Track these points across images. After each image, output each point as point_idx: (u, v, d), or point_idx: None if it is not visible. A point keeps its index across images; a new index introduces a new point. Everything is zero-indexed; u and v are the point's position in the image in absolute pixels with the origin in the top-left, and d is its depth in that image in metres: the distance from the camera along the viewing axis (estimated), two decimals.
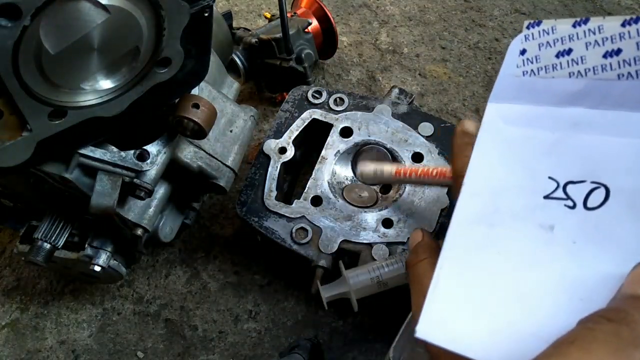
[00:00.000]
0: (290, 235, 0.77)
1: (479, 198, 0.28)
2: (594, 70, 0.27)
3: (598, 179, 0.26)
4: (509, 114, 0.30)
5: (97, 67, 0.56)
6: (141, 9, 0.55)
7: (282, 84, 1.05)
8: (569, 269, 0.24)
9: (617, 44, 0.26)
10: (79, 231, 0.75)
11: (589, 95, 0.27)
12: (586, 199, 0.26)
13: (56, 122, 0.54)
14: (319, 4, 1.10)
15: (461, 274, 0.27)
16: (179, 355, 0.85)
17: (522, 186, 0.28)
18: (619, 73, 0.26)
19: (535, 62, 0.29)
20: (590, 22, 0.27)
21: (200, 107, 0.63)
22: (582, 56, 0.28)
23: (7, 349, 0.87)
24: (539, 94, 0.29)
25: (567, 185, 0.27)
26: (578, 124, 0.27)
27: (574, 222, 0.26)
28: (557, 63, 0.29)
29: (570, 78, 0.28)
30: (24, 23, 0.47)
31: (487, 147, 0.29)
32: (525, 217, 0.27)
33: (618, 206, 0.25)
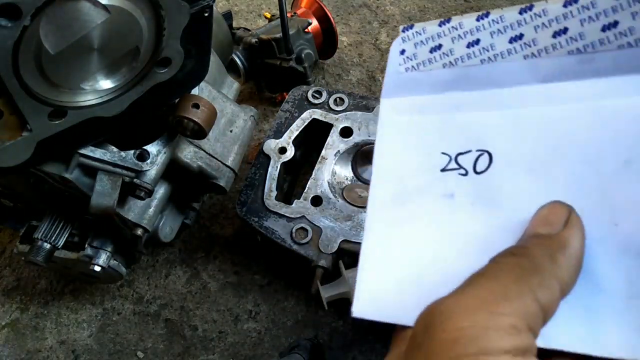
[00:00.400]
0: (290, 235, 0.77)
1: (387, 182, 0.32)
2: (461, 59, 0.33)
3: (481, 146, 0.30)
4: (400, 106, 0.34)
5: (97, 67, 0.56)
6: (141, 9, 0.55)
7: (282, 84, 1.05)
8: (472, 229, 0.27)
9: (476, 36, 0.32)
10: (79, 231, 0.75)
11: (461, 81, 0.32)
12: (475, 165, 0.30)
13: (56, 122, 0.54)
14: (319, 4, 1.10)
15: (383, 253, 0.30)
16: (179, 355, 0.85)
17: (422, 165, 0.32)
18: (481, 59, 0.32)
19: (414, 59, 0.34)
20: (451, 20, 0.33)
21: (200, 107, 0.63)
22: (451, 49, 0.33)
23: (7, 349, 0.87)
24: (421, 86, 0.34)
25: (457, 156, 0.31)
26: (457, 105, 0.32)
27: (468, 187, 0.30)
28: (432, 57, 0.34)
29: (444, 68, 0.33)
30: (24, 23, 0.47)
31: (387, 137, 0.34)
32: (428, 191, 0.31)
33: (500, 167, 0.30)
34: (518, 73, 0.31)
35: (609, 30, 0.28)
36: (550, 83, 0.30)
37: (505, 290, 0.22)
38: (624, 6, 0.28)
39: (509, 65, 0.31)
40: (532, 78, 0.30)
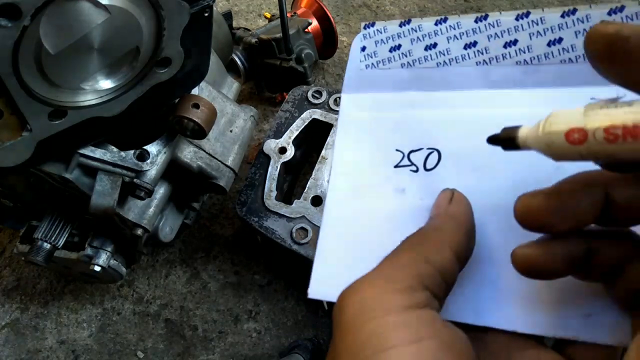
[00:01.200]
0: (290, 235, 0.77)
1: (345, 176, 0.34)
2: (419, 60, 0.34)
3: (432, 145, 0.33)
4: (360, 102, 0.36)
5: (97, 67, 0.56)
6: (141, 9, 0.55)
7: (282, 84, 1.05)
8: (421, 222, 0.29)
9: (434, 39, 0.34)
10: (79, 231, 0.75)
11: (417, 81, 0.34)
12: (425, 163, 0.32)
13: (56, 122, 0.54)
14: (319, 4, 1.10)
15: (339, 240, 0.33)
16: (179, 355, 0.85)
17: (377, 160, 0.34)
18: (437, 62, 0.34)
19: (374, 57, 0.36)
20: (412, 22, 0.34)
21: (200, 107, 0.63)
22: (409, 50, 0.35)
23: (7, 349, 0.87)
24: (380, 83, 0.35)
25: (410, 153, 0.33)
26: (413, 104, 0.34)
27: (418, 183, 0.32)
28: (391, 57, 0.35)
29: (402, 68, 0.35)
30: (24, 23, 0.47)
31: (345, 132, 0.36)
32: (382, 185, 0.33)
33: (448, 165, 0.32)
34: (470, 77, 0.33)
35: (554, 46, 0.31)
36: (498, 89, 0.32)
37: (399, 260, 0.25)
38: (568, 25, 0.30)
39: (462, 70, 0.33)
40: (482, 83, 0.33)
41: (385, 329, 0.22)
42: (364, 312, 0.23)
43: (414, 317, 0.23)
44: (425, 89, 0.34)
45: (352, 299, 0.24)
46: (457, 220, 0.27)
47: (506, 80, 0.32)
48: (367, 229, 0.32)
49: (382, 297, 0.23)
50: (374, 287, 0.24)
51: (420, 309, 0.23)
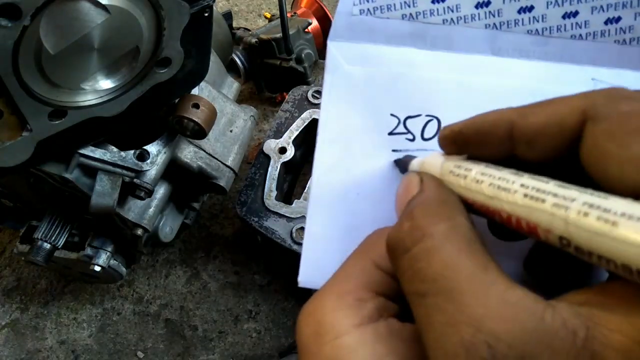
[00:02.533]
0: (290, 235, 0.77)
1: (334, 145, 0.30)
2: (424, 14, 0.31)
3: (431, 112, 0.30)
4: (350, 53, 0.31)
5: (97, 67, 0.56)
6: (141, 9, 0.55)
7: (282, 84, 1.05)
8: None
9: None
10: (79, 231, 0.75)
11: (420, 37, 0.31)
12: (422, 131, 0.30)
13: (56, 122, 0.54)
14: (319, 4, 1.10)
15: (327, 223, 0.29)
16: (179, 355, 0.85)
17: (370, 126, 0.30)
18: (444, 18, 0.30)
19: (371, 2, 0.31)
20: None
21: (200, 107, 0.63)
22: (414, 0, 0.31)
23: (7, 349, 0.87)
24: (375, 33, 0.31)
25: (406, 120, 0.30)
26: (412, 62, 0.31)
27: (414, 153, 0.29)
28: (392, 4, 0.31)
29: (403, 20, 0.31)
30: (24, 23, 0.47)
31: (333, 89, 0.31)
32: (375, 156, 0.30)
33: None
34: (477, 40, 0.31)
35: (568, 19, 0.30)
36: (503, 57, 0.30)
37: (350, 269, 0.24)
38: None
39: (470, 31, 0.31)
40: (488, 48, 0.31)
41: (340, 351, 0.21)
42: (318, 336, 0.22)
43: (368, 334, 0.22)
44: (427, 46, 0.31)
45: (307, 321, 0.23)
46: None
47: (513, 49, 0.30)
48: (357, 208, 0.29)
49: (333, 317, 0.22)
50: (325, 305, 0.23)
51: (373, 323, 0.22)
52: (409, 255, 0.20)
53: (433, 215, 0.21)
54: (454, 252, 0.19)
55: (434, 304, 0.18)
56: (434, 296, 0.18)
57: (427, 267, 0.19)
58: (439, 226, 0.20)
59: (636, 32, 0.28)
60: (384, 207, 0.29)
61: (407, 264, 0.20)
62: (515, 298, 0.17)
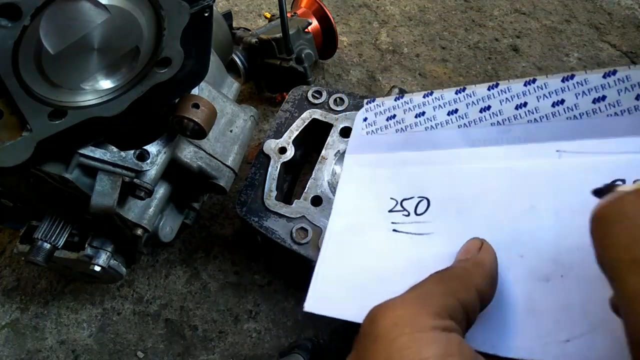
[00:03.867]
0: (290, 235, 0.77)
1: (345, 216, 0.40)
2: (410, 126, 0.42)
3: (422, 194, 0.38)
4: (360, 160, 0.43)
5: (97, 67, 0.56)
6: (141, 9, 0.55)
7: (282, 84, 1.05)
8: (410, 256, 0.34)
9: (422, 109, 0.41)
10: (79, 231, 0.75)
11: (409, 143, 0.41)
12: (416, 208, 0.38)
13: (56, 122, 0.54)
14: (319, 4, 1.10)
15: (336, 267, 0.38)
16: (179, 355, 0.85)
17: (374, 205, 0.40)
18: (425, 127, 0.41)
19: (373, 125, 0.44)
20: (405, 96, 0.42)
21: (200, 107, 0.63)
22: (402, 118, 0.42)
23: (7, 349, 0.87)
24: (378, 146, 0.43)
25: (403, 201, 0.39)
26: (405, 161, 0.41)
27: (410, 225, 0.38)
28: (387, 124, 0.43)
29: (397, 133, 0.42)
30: (24, 23, 0.47)
31: (347, 183, 0.42)
32: (377, 225, 0.38)
33: (435, 210, 0.37)
34: (453, 139, 0.39)
35: (521, 109, 0.37)
36: (477, 147, 0.38)
37: (432, 291, 0.28)
38: (530, 91, 0.37)
39: (446, 132, 0.39)
40: (464, 143, 0.38)
41: (418, 343, 0.24)
42: (397, 327, 0.25)
43: (444, 336, 0.25)
44: (416, 149, 0.41)
45: (386, 314, 0.26)
46: (484, 267, 0.31)
47: (484, 139, 0.38)
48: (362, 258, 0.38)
49: (414, 317, 0.26)
50: (407, 308, 0.26)
51: (448, 332, 0.26)
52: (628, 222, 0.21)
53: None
54: None
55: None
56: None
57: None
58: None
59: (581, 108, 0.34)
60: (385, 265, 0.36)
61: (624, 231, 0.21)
62: None
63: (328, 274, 0.38)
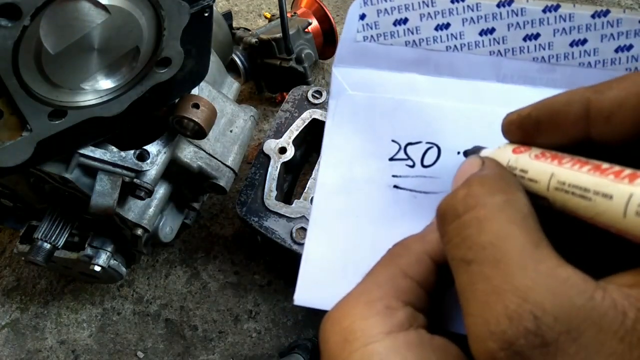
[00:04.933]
0: (290, 235, 0.77)
1: (337, 169, 0.31)
2: (427, 41, 0.31)
3: (431, 139, 0.30)
4: (354, 78, 0.32)
5: (97, 67, 0.56)
6: (141, 9, 0.55)
7: (282, 84, 1.05)
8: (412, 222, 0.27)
9: (447, 19, 0.30)
10: (79, 231, 0.75)
11: (423, 63, 0.31)
12: (422, 158, 0.30)
13: (56, 122, 0.54)
14: (319, 4, 1.10)
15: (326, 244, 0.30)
16: (179, 355, 0.85)
17: (371, 152, 0.31)
18: (447, 45, 0.30)
19: (375, 29, 0.31)
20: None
21: (200, 107, 0.63)
22: (417, 27, 0.31)
23: (7, 349, 0.87)
24: (379, 60, 0.31)
25: (407, 146, 0.30)
26: (414, 88, 0.31)
27: (414, 179, 0.30)
28: (395, 31, 0.31)
29: (407, 46, 0.31)
30: (24, 23, 0.47)
31: (337, 114, 0.32)
32: (375, 180, 0.30)
33: (447, 163, 0.30)
34: (481, 67, 0.30)
35: (576, 47, 0.29)
36: (508, 84, 0.30)
37: (378, 277, 0.24)
38: (597, 27, 0.29)
39: (474, 58, 0.30)
40: (493, 75, 0.30)
41: (370, 359, 0.21)
42: (347, 342, 0.22)
43: (399, 342, 0.21)
44: (430, 73, 0.31)
45: (334, 328, 0.23)
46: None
47: (518, 76, 0.30)
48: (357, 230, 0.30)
49: (363, 324, 0.22)
50: (354, 313, 0.23)
51: (404, 331, 0.22)
52: (460, 221, 0.20)
53: (490, 186, 0.20)
54: (507, 223, 0.19)
55: (480, 271, 0.18)
56: (481, 264, 0.18)
57: (477, 235, 0.19)
58: (495, 197, 0.20)
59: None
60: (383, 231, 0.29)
61: (457, 230, 0.20)
62: (565, 275, 0.17)
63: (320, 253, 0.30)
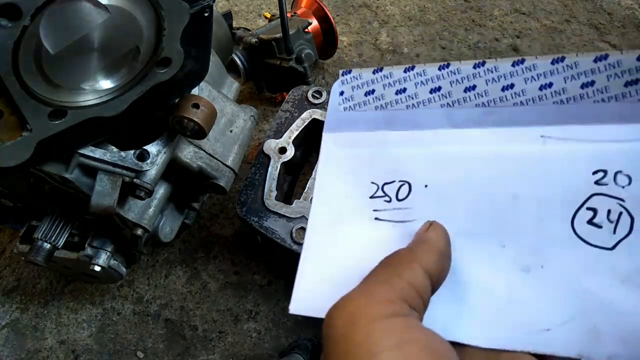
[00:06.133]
0: (290, 235, 0.77)
1: (326, 206, 0.38)
2: (391, 104, 0.38)
3: (403, 177, 0.37)
4: (339, 140, 0.40)
5: (97, 67, 0.56)
6: (141, 9, 0.55)
7: (282, 84, 1.05)
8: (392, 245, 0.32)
9: (403, 85, 0.38)
10: (79, 231, 0.75)
11: (389, 121, 0.38)
12: (397, 193, 0.36)
13: (56, 122, 0.54)
14: (319, 4, 1.10)
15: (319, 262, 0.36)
16: (179, 355, 0.85)
17: (354, 192, 0.38)
18: (407, 104, 0.38)
19: (351, 100, 0.40)
20: (384, 69, 0.39)
21: (200, 107, 0.63)
22: (382, 94, 0.39)
23: (7, 349, 0.87)
24: (356, 123, 0.39)
25: (384, 185, 0.37)
26: (385, 142, 0.38)
27: (391, 211, 0.36)
28: (366, 100, 0.39)
29: (376, 110, 0.39)
30: (24, 23, 0.47)
31: (326, 166, 0.40)
32: (359, 214, 0.37)
33: (417, 195, 0.36)
34: (435, 118, 0.37)
35: (507, 90, 0.35)
36: (460, 128, 0.36)
37: (379, 278, 0.28)
38: (518, 72, 0.34)
39: (429, 112, 0.37)
40: (447, 123, 0.36)
41: (373, 335, 0.24)
42: (352, 323, 0.25)
43: (398, 323, 0.25)
44: (397, 128, 0.38)
45: (339, 313, 0.26)
46: (430, 243, 0.31)
47: (467, 120, 0.36)
48: (345, 252, 0.36)
49: (366, 309, 0.26)
50: (357, 302, 0.27)
51: (402, 317, 0.26)
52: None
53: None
54: None
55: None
56: None
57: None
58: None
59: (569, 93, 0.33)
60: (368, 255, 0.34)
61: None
62: None
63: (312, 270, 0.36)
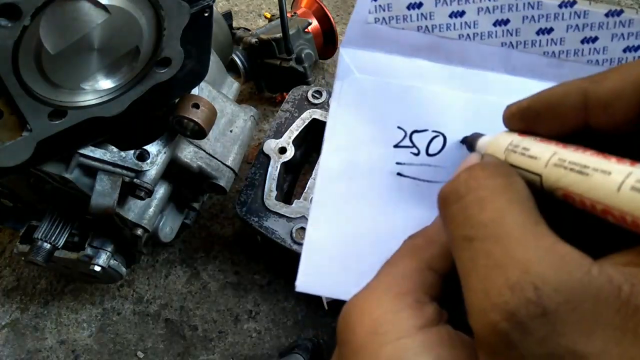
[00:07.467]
0: (290, 235, 0.77)
1: (339, 154, 0.31)
2: (440, 28, 0.30)
3: (438, 128, 0.30)
4: (362, 61, 0.31)
5: (97, 67, 0.56)
6: (141, 9, 0.55)
7: (282, 84, 1.05)
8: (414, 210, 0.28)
9: (463, 7, 0.30)
10: (79, 231, 0.75)
11: (434, 50, 0.30)
12: (428, 146, 0.30)
13: (56, 122, 0.54)
14: (319, 4, 1.10)
15: (328, 230, 0.29)
16: (179, 355, 0.85)
17: (376, 137, 0.30)
18: (460, 33, 0.30)
19: (387, 11, 0.31)
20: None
21: (200, 107, 0.63)
22: (431, 12, 0.30)
23: (7, 349, 0.87)
24: (389, 43, 0.31)
25: (413, 134, 0.30)
26: (423, 75, 0.30)
27: (418, 167, 0.29)
28: (408, 15, 0.30)
29: (418, 31, 0.30)
30: (24, 23, 0.47)
31: (343, 98, 0.31)
32: (379, 167, 0.30)
33: (452, 153, 0.29)
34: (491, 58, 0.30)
35: (587, 44, 0.29)
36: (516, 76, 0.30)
37: (402, 268, 0.23)
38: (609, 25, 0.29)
39: (485, 48, 0.30)
40: (502, 66, 0.30)
41: (403, 353, 0.21)
42: (377, 335, 0.22)
43: (431, 338, 0.21)
44: (440, 60, 0.30)
45: (361, 319, 0.23)
46: None
47: (527, 69, 0.30)
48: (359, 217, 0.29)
49: (394, 317, 0.22)
50: (382, 304, 0.22)
51: (434, 327, 0.22)
52: (462, 201, 0.20)
53: (491, 171, 0.21)
54: (507, 203, 0.19)
55: (481, 248, 0.19)
56: (482, 241, 0.19)
57: (478, 213, 0.19)
58: (496, 180, 0.20)
59: None
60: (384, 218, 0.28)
61: (459, 210, 0.20)
62: (564, 251, 0.18)
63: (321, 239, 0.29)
